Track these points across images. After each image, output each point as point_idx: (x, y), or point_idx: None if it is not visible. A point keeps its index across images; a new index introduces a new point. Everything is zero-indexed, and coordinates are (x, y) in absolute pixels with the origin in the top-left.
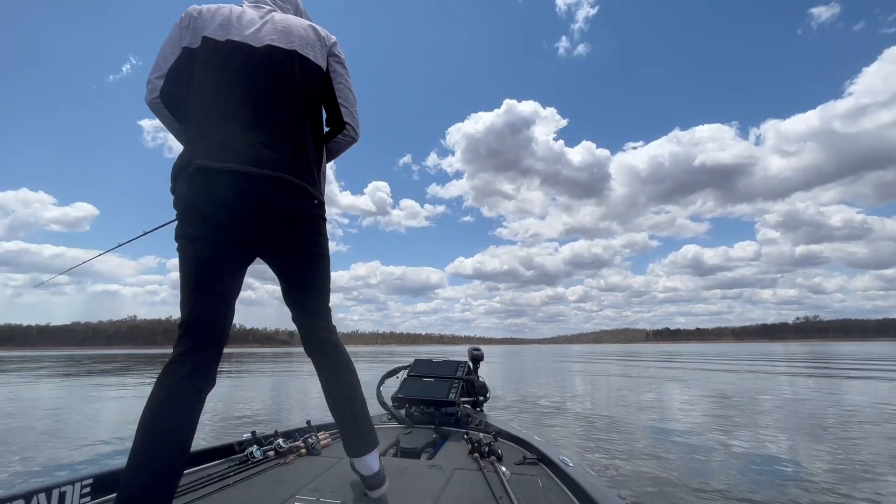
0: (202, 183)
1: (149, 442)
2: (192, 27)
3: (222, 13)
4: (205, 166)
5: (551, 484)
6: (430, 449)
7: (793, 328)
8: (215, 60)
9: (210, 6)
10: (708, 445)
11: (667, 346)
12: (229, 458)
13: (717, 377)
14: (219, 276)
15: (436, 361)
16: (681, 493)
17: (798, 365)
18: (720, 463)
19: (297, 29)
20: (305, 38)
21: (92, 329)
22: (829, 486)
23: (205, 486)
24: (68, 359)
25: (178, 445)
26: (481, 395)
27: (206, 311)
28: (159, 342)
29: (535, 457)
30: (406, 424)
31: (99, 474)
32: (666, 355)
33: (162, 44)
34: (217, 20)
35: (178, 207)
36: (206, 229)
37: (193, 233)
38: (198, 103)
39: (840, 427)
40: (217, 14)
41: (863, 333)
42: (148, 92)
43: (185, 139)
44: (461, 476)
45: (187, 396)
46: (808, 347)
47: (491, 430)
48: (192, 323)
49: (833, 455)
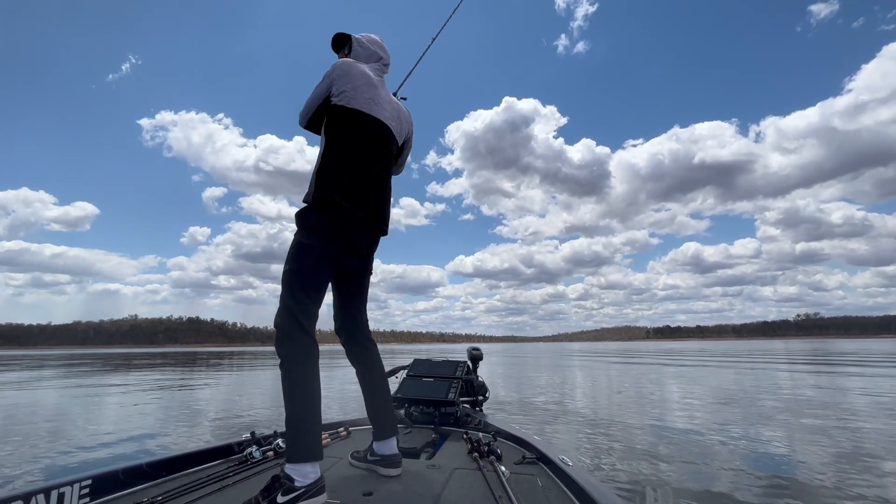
0: (344, 221)
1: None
2: (340, 88)
3: (366, 79)
4: (352, 212)
5: (551, 483)
6: (430, 449)
7: (793, 325)
8: (366, 130)
9: (353, 68)
10: (709, 444)
11: (667, 343)
12: (228, 459)
13: (718, 374)
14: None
15: (435, 361)
16: (681, 493)
17: (799, 362)
18: (721, 462)
19: (405, 117)
20: (406, 125)
21: (93, 328)
22: (834, 485)
23: (204, 486)
24: (69, 358)
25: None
26: (480, 395)
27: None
28: (160, 341)
29: (534, 456)
30: (405, 424)
31: (98, 475)
32: (666, 353)
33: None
34: (365, 93)
35: (321, 228)
36: (338, 254)
37: (332, 253)
38: (350, 156)
39: (841, 423)
40: (363, 80)
41: (863, 330)
42: (301, 119)
43: (333, 176)
44: (460, 476)
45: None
46: (809, 345)
47: (490, 430)
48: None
49: (836, 451)
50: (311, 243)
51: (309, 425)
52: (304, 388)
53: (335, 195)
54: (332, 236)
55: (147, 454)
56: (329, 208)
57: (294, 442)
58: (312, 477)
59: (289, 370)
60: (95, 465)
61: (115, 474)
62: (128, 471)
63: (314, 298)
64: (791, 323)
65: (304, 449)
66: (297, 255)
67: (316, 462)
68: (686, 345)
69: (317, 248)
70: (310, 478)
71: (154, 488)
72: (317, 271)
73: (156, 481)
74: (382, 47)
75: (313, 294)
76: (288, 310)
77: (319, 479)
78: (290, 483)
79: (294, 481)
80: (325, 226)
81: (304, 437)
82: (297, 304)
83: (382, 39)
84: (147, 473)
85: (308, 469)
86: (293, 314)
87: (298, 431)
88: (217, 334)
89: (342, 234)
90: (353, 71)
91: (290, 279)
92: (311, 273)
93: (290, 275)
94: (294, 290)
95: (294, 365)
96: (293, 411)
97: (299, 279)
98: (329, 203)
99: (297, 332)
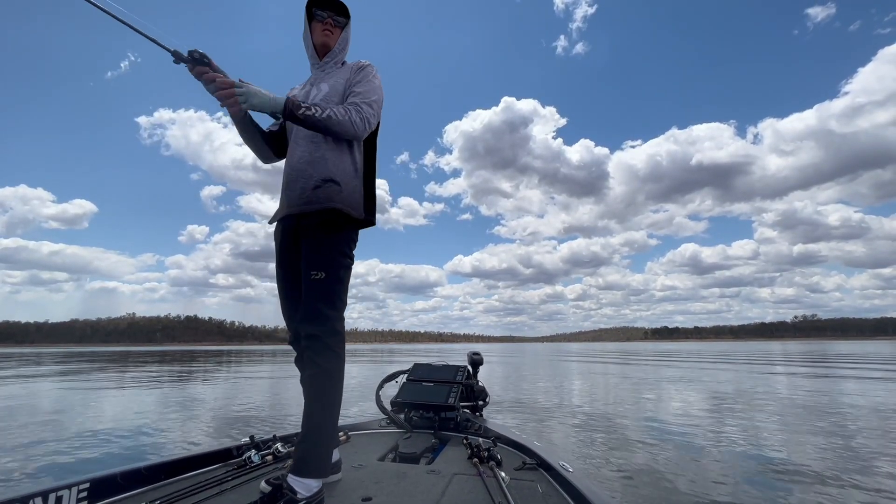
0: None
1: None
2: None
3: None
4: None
5: (551, 490)
6: (430, 454)
7: (791, 327)
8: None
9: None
10: (709, 446)
11: (665, 344)
12: (227, 463)
13: (716, 375)
14: None
15: (435, 366)
16: (683, 499)
17: (796, 363)
18: (722, 464)
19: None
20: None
21: (91, 326)
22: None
23: (203, 490)
24: (66, 356)
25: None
26: (481, 400)
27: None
28: (158, 340)
29: (534, 462)
30: (405, 429)
31: (96, 478)
32: (664, 354)
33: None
34: None
35: (355, 244)
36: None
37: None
38: (374, 173)
39: (838, 424)
40: None
41: (860, 332)
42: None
43: (370, 193)
44: (460, 481)
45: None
46: (806, 346)
47: (490, 435)
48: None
49: (832, 452)
50: (351, 258)
51: (328, 442)
52: (333, 403)
53: (373, 218)
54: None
55: (145, 458)
56: (364, 226)
57: (309, 456)
58: (315, 488)
59: (326, 385)
60: (91, 468)
61: (114, 478)
62: (126, 474)
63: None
64: (789, 324)
65: (316, 467)
66: (342, 266)
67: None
68: (684, 346)
69: (351, 264)
70: (313, 489)
71: (153, 492)
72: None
73: (154, 485)
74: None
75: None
76: (340, 320)
77: (320, 491)
78: (293, 495)
79: (297, 493)
80: (356, 241)
81: (321, 453)
82: (340, 314)
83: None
84: (146, 477)
85: (313, 483)
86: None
87: (317, 447)
88: (215, 333)
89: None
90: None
91: (337, 289)
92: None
93: (337, 285)
94: (337, 302)
95: (336, 381)
96: (315, 425)
97: (344, 291)
98: (368, 224)
99: (342, 345)
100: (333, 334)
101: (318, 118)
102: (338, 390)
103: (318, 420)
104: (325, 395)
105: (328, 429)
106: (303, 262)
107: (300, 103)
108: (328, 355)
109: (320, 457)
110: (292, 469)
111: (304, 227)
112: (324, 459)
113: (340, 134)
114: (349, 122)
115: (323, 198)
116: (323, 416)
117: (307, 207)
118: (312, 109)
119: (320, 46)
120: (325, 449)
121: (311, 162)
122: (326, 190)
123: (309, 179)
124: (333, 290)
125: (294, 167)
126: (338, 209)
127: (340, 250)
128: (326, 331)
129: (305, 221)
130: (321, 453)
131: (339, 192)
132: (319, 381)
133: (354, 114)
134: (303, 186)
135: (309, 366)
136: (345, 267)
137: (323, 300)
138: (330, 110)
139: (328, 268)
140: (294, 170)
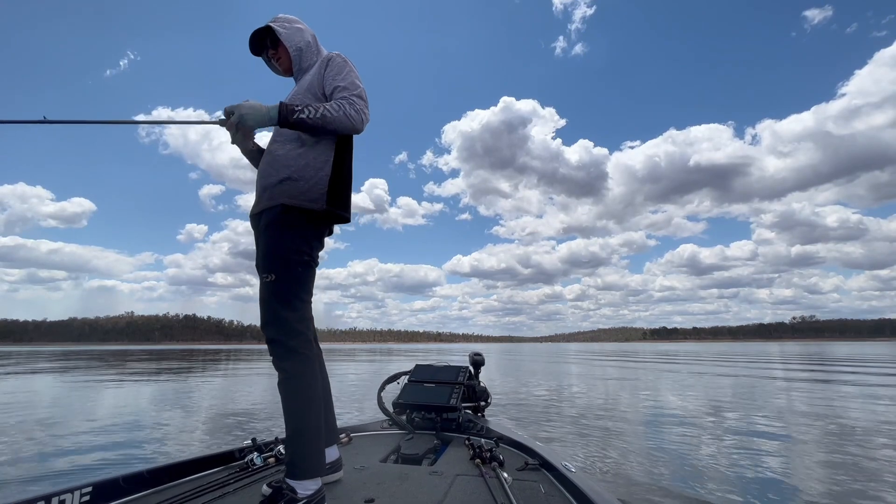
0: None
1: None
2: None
3: None
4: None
5: (553, 490)
6: (432, 455)
7: (789, 328)
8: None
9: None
10: (709, 447)
11: (664, 345)
12: (229, 466)
13: (715, 376)
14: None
15: (437, 367)
16: (683, 499)
17: (794, 366)
18: (722, 466)
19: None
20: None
21: (89, 325)
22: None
23: (205, 493)
24: (63, 355)
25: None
26: (482, 401)
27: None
28: (156, 338)
29: (536, 462)
30: (407, 430)
31: (98, 482)
32: (663, 354)
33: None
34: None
35: (315, 237)
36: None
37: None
38: (350, 170)
39: (837, 428)
40: None
41: (858, 333)
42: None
43: (339, 190)
44: (463, 482)
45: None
46: (804, 347)
47: (492, 436)
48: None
49: (829, 458)
50: (309, 254)
51: (314, 442)
52: (308, 404)
53: (344, 213)
54: (316, 245)
55: (147, 461)
56: (325, 222)
57: (297, 459)
58: (313, 488)
59: (297, 388)
60: (92, 471)
61: (116, 481)
62: (128, 478)
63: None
64: (787, 325)
65: (308, 468)
66: (297, 264)
67: (317, 477)
68: (682, 346)
69: (311, 261)
70: (311, 489)
71: (155, 495)
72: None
73: (156, 488)
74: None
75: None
76: (302, 320)
77: (320, 490)
78: (293, 495)
79: (296, 493)
80: (318, 237)
81: (309, 454)
82: (300, 314)
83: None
84: (148, 480)
85: (310, 483)
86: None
87: (303, 449)
88: (214, 332)
89: (320, 241)
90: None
91: (293, 289)
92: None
93: (291, 284)
94: (294, 302)
95: (306, 382)
96: (295, 429)
97: (303, 290)
98: (340, 220)
99: (307, 344)
100: (295, 335)
101: (313, 118)
102: (312, 389)
103: (297, 423)
104: (298, 398)
105: (310, 430)
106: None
107: (293, 108)
108: (292, 358)
109: (309, 457)
110: (286, 473)
111: (257, 228)
112: (314, 460)
113: (339, 130)
114: (345, 117)
115: (276, 195)
116: (301, 419)
117: (259, 207)
118: (306, 112)
119: (284, 72)
120: (312, 449)
121: (271, 162)
122: (282, 187)
123: (267, 178)
124: (289, 290)
125: (259, 169)
126: (288, 205)
127: (294, 248)
128: (286, 333)
129: (260, 222)
130: (308, 454)
131: (294, 187)
132: (290, 386)
133: (349, 107)
134: (263, 186)
135: (277, 371)
136: (301, 264)
137: (278, 302)
138: (323, 108)
139: (280, 269)
140: (259, 172)
